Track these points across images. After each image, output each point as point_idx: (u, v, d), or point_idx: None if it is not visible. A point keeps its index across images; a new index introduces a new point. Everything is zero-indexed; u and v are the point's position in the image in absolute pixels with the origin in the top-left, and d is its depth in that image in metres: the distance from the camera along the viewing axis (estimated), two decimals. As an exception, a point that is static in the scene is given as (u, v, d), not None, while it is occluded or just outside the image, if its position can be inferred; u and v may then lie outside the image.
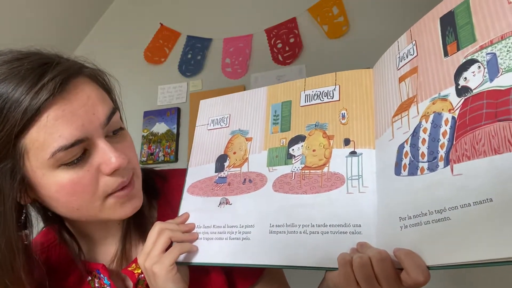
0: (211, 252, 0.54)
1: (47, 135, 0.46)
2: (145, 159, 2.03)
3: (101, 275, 0.59)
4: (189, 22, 2.14)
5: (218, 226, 0.56)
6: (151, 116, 2.09)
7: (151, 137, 2.06)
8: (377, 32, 1.75)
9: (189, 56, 2.10)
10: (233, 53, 2.02)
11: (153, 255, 0.52)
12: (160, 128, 2.05)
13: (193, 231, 0.57)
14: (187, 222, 0.59)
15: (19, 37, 1.70)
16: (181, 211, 0.60)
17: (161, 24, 2.19)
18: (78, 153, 0.48)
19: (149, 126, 2.08)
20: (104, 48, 2.27)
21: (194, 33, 2.11)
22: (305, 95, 0.58)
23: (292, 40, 1.91)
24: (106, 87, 0.56)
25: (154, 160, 2.02)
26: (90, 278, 0.61)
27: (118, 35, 2.31)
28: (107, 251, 0.62)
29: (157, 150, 2.03)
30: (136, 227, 0.61)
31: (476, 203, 0.35)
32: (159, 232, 0.53)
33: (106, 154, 0.50)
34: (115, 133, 0.53)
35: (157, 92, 2.12)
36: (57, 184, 0.49)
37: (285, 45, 1.92)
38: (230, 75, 2.00)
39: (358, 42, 1.78)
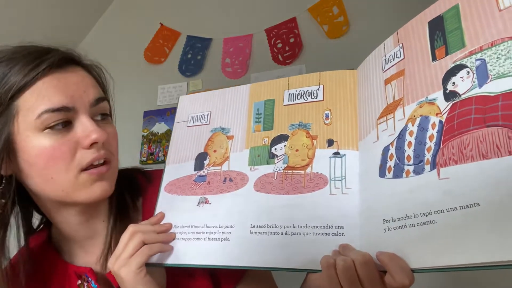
0: (188, 253, 0.53)
1: (39, 98, 0.51)
2: (145, 159, 2.03)
3: (89, 279, 0.59)
4: (189, 22, 2.14)
5: (197, 226, 0.55)
6: (151, 116, 2.09)
7: (151, 137, 2.06)
8: (377, 32, 1.73)
9: (189, 56, 2.10)
10: (233, 53, 2.01)
11: (121, 258, 0.51)
12: (160, 128, 2.05)
13: (170, 231, 0.56)
14: (164, 221, 0.57)
15: (18, 35, 1.70)
16: (157, 210, 0.59)
17: (161, 24, 2.19)
18: (62, 119, 0.52)
19: (149, 126, 2.08)
20: (104, 48, 2.27)
21: (194, 33, 2.11)
22: (289, 94, 0.57)
23: (292, 40, 1.90)
24: (100, 82, 0.60)
25: (154, 160, 2.02)
26: (80, 282, 0.60)
27: (118, 35, 2.31)
28: (93, 254, 0.62)
29: (157, 150, 2.03)
30: (121, 230, 0.59)
31: (463, 207, 0.35)
32: (131, 235, 0.52)
33: (87, 128, 0.53)
34: (103, 119, 0.57)
35: (157, 92, 2.12)
36: (38, 148, 0.52)
37: (285, 45, 1.91)
38: (230, 75, 2.00)
39: (358, 42, 1.77)
